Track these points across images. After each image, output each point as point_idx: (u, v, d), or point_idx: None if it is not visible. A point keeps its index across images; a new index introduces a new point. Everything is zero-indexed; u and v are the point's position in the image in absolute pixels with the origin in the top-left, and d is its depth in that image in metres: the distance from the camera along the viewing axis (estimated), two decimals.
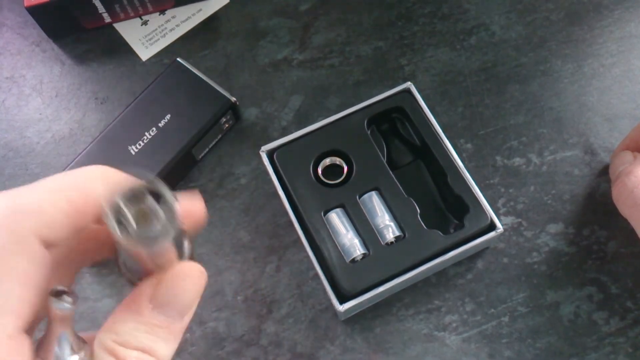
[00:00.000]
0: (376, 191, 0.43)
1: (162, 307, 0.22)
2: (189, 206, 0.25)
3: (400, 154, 0.46)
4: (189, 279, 0.23)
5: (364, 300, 0.40)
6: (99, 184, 0.22)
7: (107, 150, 0.46)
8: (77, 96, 0.51)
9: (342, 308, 0.39)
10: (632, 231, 0.39)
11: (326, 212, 0.42)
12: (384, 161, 0.44)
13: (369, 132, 0.45)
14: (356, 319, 0.43)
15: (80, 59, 0.53)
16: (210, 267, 0.45)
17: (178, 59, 0.48)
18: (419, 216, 0.42)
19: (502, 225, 0.42)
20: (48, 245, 0.22)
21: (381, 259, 0.41)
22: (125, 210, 0.21)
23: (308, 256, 0.41)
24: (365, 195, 0.43)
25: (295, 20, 0.53)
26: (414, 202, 0.42)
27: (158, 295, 0.22)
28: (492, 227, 0.41)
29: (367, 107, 0.45)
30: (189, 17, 0.53)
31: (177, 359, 0.42)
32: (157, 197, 0.22)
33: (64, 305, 0.21)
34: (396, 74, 0.50)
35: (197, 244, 0.45)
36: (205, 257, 0.45)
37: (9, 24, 0.55)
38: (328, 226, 0.42)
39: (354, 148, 0.44)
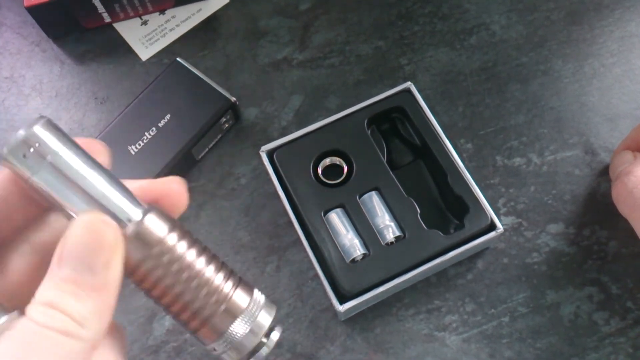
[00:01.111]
0: (376, 191, 0.43)
1: (65, 260, 0.22)
2: (168, 188, 0.25)
3: (400, 154, 0.46)
4: (87, 229, 0.22)
5: (364, 301, 0.40)
6: None
7: None
8: (76, 96, 0.51)
9: (342, 308, 0.39)
10: (632, 231, 0.39)
11: (326, 212, 0.42)
12: (384, 161, 0.44)
13: (369, 132, 0.45)
14: (356, 319, 0.43)
15: (80, 58, 0.53)
16: None
17: (178, 59, 0.48)
18: (419, 216, 0.42)
19: (503, 225, 0.42)
20: None
21: (381, 259, 0.41)
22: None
23: (308, 256, 0.41)
24: (365, 195, 0.43)
25: (295, 19, 0.53)
26: (414, 202, 0.42)
27: (61, 249, 0.22)
28: (492, 227, 0.41)
29: (367, 107, 0.45)
30: (189, 17, 0.53)
31: (177, 359, 0.42)
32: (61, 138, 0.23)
33: None
34: (396, 74, 0.50)
35: None
36: None
37: (8, 24, 0.55)
38: (328, 226, 0.42)
39: (354, 148, 0.44)
